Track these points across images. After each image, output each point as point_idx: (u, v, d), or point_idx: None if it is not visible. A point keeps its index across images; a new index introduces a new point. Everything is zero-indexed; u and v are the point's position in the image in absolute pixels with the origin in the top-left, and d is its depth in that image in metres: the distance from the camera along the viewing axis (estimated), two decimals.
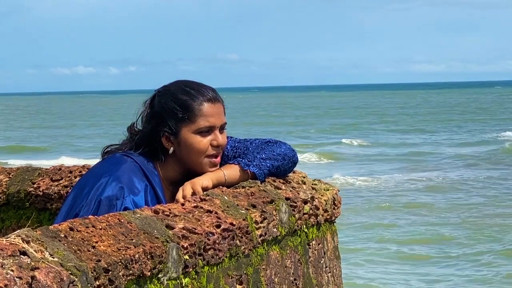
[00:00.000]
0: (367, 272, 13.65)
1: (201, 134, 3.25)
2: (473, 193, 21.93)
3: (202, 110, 3.25)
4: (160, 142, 3.25)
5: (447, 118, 61.32)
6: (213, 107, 3.28)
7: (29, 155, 35.66)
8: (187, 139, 3.24)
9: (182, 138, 3.24)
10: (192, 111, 3.24)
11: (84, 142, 43.55)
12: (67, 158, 31.68)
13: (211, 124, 3.26)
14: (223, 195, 3.02)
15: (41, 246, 2.09)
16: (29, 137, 48.57)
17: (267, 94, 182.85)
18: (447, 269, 13.81)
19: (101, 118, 70.82)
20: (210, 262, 2.67)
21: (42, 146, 41.74)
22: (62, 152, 37.31)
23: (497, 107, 78.63)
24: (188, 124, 3.24)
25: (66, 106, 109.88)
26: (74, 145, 42.45)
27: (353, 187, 23.31)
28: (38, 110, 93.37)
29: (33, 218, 4.09)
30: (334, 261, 3.62)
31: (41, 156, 34.65)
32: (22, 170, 4.27)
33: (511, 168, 27.52)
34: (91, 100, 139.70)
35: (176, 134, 3.24)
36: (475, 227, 17.11)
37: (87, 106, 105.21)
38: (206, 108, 3.26)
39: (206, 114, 3.25)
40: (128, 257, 2.28)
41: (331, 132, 49.26)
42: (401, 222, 17.84)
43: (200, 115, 3.24)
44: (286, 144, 3.42)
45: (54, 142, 44.13)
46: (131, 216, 2.54)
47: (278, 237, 3.11)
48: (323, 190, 3.51)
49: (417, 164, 29.78)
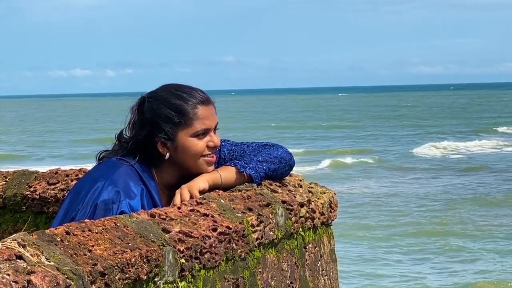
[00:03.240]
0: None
1: (197, 137, 3.24)
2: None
3: (197, 113, 3.24)
4: (156, 148, 3.24)
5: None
6: (207, 109, 3.28)
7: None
8: (184, 143, 3.23)
9: (179, 143, 3.23)
10: (188, 115, 3.23)
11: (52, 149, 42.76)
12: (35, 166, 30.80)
13: (207, 127, 3.26)
14: (219, 199, 3.02)
15: (37, 250, 2.09)
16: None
17: (272, 96, 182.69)
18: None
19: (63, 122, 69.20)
20: (207, 265, 2.67)
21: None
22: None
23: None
24: (184, 128, 3.23)
25: (50, 110, 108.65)
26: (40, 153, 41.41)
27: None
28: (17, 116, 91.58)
29: (29, 222, 4.08)
30: (330, 264, 3.62)
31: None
32: (18, 173, 4.27)
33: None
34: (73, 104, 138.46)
35: (173, 139, 3.23)
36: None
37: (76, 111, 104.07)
38: (201, 111, 3.25)
39: (201, 117, 3.25)
40: (125, 261, 2.28)
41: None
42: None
43: (195, 119, 3.24)
44: (283, 148, 3.43)
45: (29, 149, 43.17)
46: (127, 220, 2.54)
47: (274, 240, 3.11)
48: (320, 193, 3.52)
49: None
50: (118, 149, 3.30)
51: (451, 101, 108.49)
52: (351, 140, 44.60)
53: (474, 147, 38.15)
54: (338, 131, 52.19)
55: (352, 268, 13.71)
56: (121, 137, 3.30)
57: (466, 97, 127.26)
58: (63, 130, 57.80)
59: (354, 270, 13.69)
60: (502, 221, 18.09)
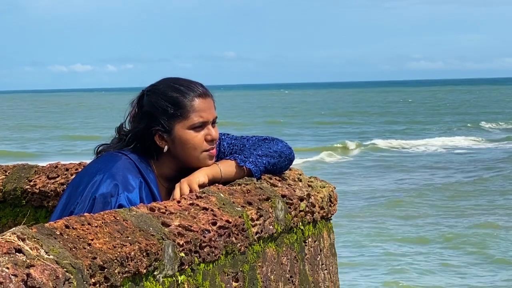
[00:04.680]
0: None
1: (194, 130, 3.24)
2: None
3: (194, 105, 3.24)
4: (153, 141, 3.25)
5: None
6: (205, 102, 3.28)
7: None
8: (182, 136, 3.24)
9: (176, 135, 3.23)
10: (184, 108, 3.24)
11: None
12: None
13: (204, 120, 3.26)
14: (219, 193, 3.02)
15: (36, 244, 2.09)
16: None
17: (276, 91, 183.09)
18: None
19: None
20: (206, 259, 2.67)
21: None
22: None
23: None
24: (181, 120, 3.23)
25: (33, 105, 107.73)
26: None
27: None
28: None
29: (29, 216, 4.09)
30: (330, 258, 3.63)
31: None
32: (18, 167, 4.27)
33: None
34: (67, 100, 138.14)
35: (170, 132, 3.23)
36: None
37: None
38: (198, 103, 3.25)
39: (198, 109, 3.25)
40: (124, 255, 2.28)
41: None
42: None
43: (192, 111, 3.24)
44: (283, 142, 3.42)
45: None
46: (127, 214, 2.54)
47: (274, 234, 3.11)
48: (319, 188, 3.52)
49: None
50: (117, 143, 3.31)
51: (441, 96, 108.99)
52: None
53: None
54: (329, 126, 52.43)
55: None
56: (121, 130, 3.31)
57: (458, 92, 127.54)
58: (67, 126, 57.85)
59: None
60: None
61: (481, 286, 12.43)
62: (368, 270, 13.44)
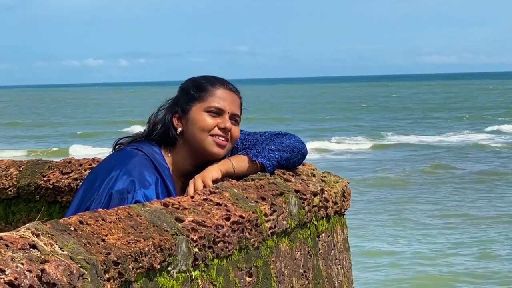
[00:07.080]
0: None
1: (209, 114, 3.27)
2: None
3: (216, 92, 3.30)
4: (172, 126, 3.29)
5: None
6: (229, 94, 3.32)
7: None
8: (195, 116, 3.28)
9: (190, 116, 3.28)
10: (206, 92, 3.30)
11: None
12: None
13: (221, 106, 3.27)
14: (232, 188, 3.01)
15: (51, 240, 2.09)
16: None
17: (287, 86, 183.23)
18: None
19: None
20: (220, 254, 2.67)
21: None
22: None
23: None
24: (198, 102, 3.29)
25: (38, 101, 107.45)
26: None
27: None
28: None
29: (43, 211, 4.10)
30: (343, 253, 3.62)
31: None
32: (32, 163, 4.28)
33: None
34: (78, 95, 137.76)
35: (187, 112, 3.28)
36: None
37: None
38: (221, 92, 3.31)
39: (218, 96, 3.30)
40: (138, 250, 2.28)
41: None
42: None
43: (212, 95, 3.30)
44: (295, 136, 3.42)
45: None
46: (141, 209, 2.54)
47: (287, 230, 3.11)
48: (333, 183, 3.51)
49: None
50: (136, 137, 3.34)
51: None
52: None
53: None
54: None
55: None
56: (151, 117, 3.38)
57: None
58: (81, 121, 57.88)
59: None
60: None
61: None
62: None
